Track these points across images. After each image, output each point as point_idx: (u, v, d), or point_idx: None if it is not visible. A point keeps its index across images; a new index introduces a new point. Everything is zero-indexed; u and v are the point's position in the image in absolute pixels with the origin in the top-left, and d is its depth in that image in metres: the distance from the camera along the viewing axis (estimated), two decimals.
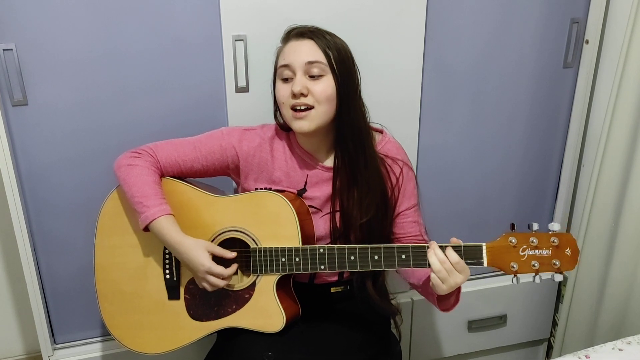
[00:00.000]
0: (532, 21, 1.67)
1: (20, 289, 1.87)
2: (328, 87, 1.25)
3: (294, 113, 1.26)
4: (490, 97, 1.72)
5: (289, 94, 1.25)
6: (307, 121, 1.26)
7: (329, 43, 1.26)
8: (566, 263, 1.15)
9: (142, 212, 1.26)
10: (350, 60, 1.29)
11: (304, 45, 1.25)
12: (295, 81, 1.24)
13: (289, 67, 1.25)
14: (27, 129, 1.43)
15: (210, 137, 1.37)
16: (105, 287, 1.39)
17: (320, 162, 1.36)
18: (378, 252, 1.22)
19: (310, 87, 1.24)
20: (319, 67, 1.24)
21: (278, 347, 1.27)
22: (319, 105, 1.25)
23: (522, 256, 1.16)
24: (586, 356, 1.27)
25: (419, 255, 1.20)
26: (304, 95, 1.24)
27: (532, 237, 1.15)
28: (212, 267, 1.24)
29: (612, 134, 1.63)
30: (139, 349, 1.38)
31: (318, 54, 1.24)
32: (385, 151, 1.36)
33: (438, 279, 1.16)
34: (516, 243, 1.15)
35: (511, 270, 1.16)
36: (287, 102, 1.26)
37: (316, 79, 1.25)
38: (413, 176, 1.40)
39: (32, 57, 1.37)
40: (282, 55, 1.28)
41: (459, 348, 1.97)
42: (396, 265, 1.21)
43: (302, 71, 1.24)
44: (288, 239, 1.27)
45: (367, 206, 1.32)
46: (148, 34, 1.42)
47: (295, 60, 1.25)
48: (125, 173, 1.30)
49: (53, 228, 1.53)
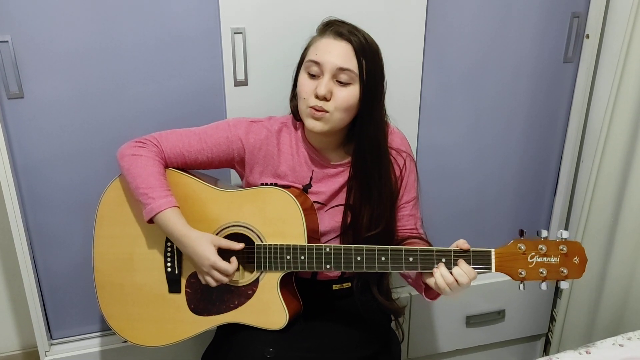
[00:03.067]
0: (533, 16, 1.66)
1: (16, 284, 1.86)
2: (352, 97, 1.23)
3: (311, 111, 1.23)
4: (490, 92, 1.72)
5: (312, 91, 1.23)
6: (322, 123, 1.24)
7: (365, 49, 1.22)
8: (574, 271, 1.15)
9: (147, 204, 1.24)
10: (380, 68, 1.26)
11: (340, 48, 1.21)
12: (322, 83, 1.21)
13: (319, 65, 1.22)
14: (23, 122, 1.42)
15: (216, 129, 1.34)
16: (103, 278, 1.38)
17: (328, 159, 1.34)
18: (385, 254, 1.21)
19: (335, 92, 1.22)
20: (349, 75, 1.21)
21: (279, 343, 1.27)
22: (336, 111, 1.23)
23: (530, 263, 1.15)
24: (587, 351, 1.27)
25: (426, 259, 1.19)
26: (326, 99, 1.22)
27: (541, 245, 1.15)
28: (217, 261, 1.23)
29: (612, 130, 1.63)
30: (136, 341, 1.37)
31: (352, 62, 1.21)
32: (390, 142, 1.34)
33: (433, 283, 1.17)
34: (525, 250, 1.15)
35: (519, 277, 1.16)
36: (308, 99, 1.24)
37: (343, 86, 1.22)
38: (414, 168, 1.39)
39: (28, 49, 1.36)
40: (315, 49, 1.24)
41: (457, 343, 1.97)
42: (403, 268, 1.20)
43: (330, 74, 1.21)
44: (293, 237, 1.26)
45: (377, 218, 1.31)
46: (146, 27, 1.41)
47: (327, 62, 1.21)
48: (129, 163, 1.28)
49: (50, 222, 1.52)
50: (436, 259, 1.18)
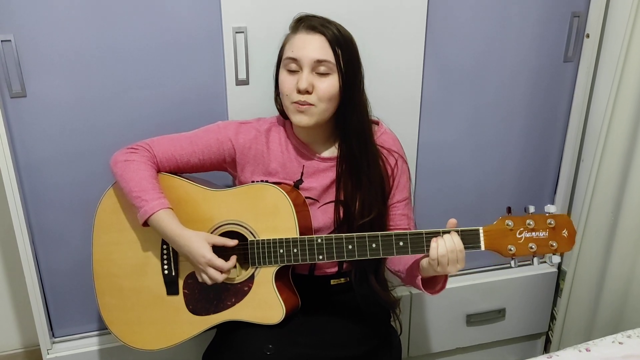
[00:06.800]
0: (533, 15, 1.66)
1: (18, 283, 1.86)
2: (332, 87, 1.25)
3: (296, 106, 1.26)
4: (491, 91, 1.72)
5: (293, 87, 1.25)
6: (307, 116, 1.26)
7: (339, 40, 1.24)
8: (563, 244, 1.16)
9: (140, 207, 1.26)
10: (356, 56, 1.28)
11: (314, 41, 1.24)
12: (302, 78, 1.24)
13: (297, 61, 1.25)
14: (26, 121, 1.42)
15: (207, 131, 1.37)
16: (103, 284, 1.39)
17: (317, 153, 1.36)
18: (376, 240, 1.22)
19: (316, 84, 1.24)
20: (326, 65, 1.24)
21: (278, 340, 1.27)
22: (320, 103, 1.25)
23: (519, 239, 1.16)
24: (587, 349, 1.28)
25: (416, 242, 1.20)
26: (308, 93, 1.24)
27: (529, 220, 1.16)
28: (213, 259, 1.24)
29: (612, 129, 1.63)
30: (139, 345, 1.38)
31: (328, 53, 1.24)
32: (382, 142, 1.37)
33: (433, 265, 1.16)
34: (513, 226, 1.16)
35: (509, 253, 1.17)
36: (291, 95, 1.26)
37: (322, 77, 1.25)
38: (407, 169, 1.41)
39: (30, 49, 1.36)
40: (291, 46, 1.27)
41: (457, 342, 1.97)
42: (394, 253, 1.21)
43: (309, 68, 1.24)
44: (285, 231, 1.27)
45: (369, 205, 1.32)
46: (148, 26, 1.41)
47: (304, 56, 1.24)
48: (122, 169, 1.30)
49: (52, 221, 1.52)
50: (426, 241, 1.19)
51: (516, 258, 1.17)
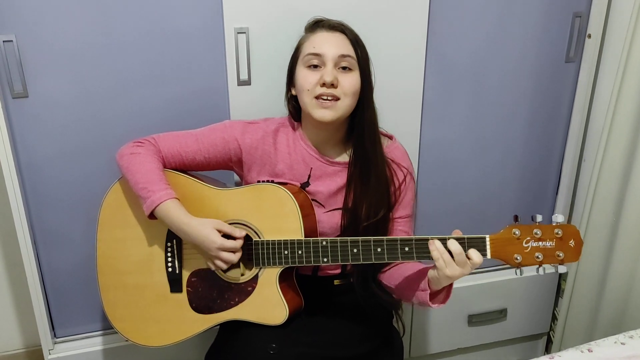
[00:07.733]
0: (534, 15, 1.66)
1: (20, 283, 1.86)
2: (356, 81, 1.27)
3: (320, 102, 1.26)
4: (492, 91, 1.72)
5: (317, 81, 1.25)
6: (332, 111, 1.26)
7: (358, 40, 1.29)
8: (570, 255, 1.15)
9: (147, 197, 1.26)
10: (369, 58, 1.32)
11: (336, 38, 1.28)
12: (327, 71, 1.25)
13: (320, 56, 1.26)
14: (27, 121, 1.42)
15: (213, 130, 1.36)
16: (107, 280, 1.39)
17: (326, 156, 1.36)
18: (381, 244, 1.21)
19: (340, 79, 1.26)
20: (349, 61, 1.26)
21: (281, 340, 1.27)
22: (345, 97, 1.26)
23: (525, 248, 1.15)
24: (589, 350, 1.28)
25: (421, 247, 1.19)
26: (334, 86, 1.25)
27: (536, 229, 1.14)
28: (224, 242, 1.24)
29: (613, 129, 1.63)
30: (141, 341, 1.38)
31: (350, 49, 1.27)
32: (393, 156, 1.37)
33: (434, 272, 1.16)
34: (520, 235, 1.15)
35: (515, 262, 1.16)
36: (313, 90, 1.26)
37: (345, 72, 1.27)
38: (413, 187, 1.41)
39: (32, 49, 1.36)
40: (311, 43, 1.28)
41: (459, 342, 1.97)
42: (399, 258, 1.21)
43: (333, 62, 1.26)
44: (291, 232, 1.27)
45: (376, 207, 1.32)
46: (149, 26, 1.41)
47: (328, 51, 1.26)
48: (128, 161, 1.30)
49: (53, 220, 1.52)
50: None
51: (522, 268, 1.16)
